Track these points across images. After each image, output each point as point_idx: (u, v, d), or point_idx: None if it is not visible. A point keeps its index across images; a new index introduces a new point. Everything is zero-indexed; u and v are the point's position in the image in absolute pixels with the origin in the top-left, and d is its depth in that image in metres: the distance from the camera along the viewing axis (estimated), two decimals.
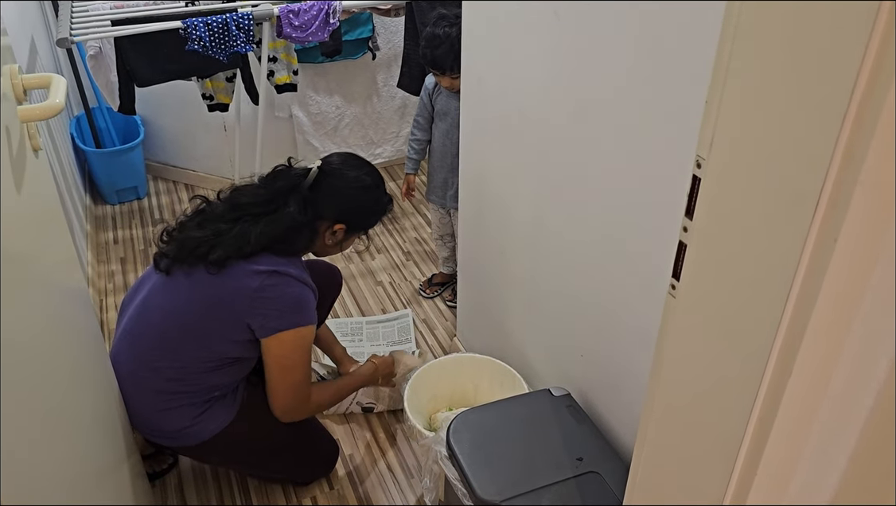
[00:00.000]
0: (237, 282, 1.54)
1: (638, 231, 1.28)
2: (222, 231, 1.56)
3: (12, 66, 1.07)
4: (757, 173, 0.65)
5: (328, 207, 1.67)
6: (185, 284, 1.57)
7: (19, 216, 0.97)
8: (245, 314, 1.55)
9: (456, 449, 1.43)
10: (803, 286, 0.64)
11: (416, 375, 1.82)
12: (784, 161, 0.63)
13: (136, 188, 3.20)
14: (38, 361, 0.95)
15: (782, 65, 0.60)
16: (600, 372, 1.51)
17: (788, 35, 0.59)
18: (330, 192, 1.67)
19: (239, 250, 1.54)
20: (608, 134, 1.30)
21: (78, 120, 3.17)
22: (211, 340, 1.57)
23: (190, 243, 1.57)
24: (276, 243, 1.58)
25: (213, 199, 1.69)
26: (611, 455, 1.43)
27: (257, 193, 1.64)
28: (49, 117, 1.00)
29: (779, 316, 0.68)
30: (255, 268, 1.55)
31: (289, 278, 1.57)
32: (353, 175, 1.71)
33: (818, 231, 0.61)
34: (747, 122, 0.64)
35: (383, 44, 3.08)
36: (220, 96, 2.69)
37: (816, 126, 0.60)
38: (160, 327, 1.58)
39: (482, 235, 1.94)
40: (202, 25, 2.27)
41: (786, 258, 0.65)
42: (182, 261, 1.57)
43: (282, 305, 1.56)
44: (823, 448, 0.72)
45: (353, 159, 1.76)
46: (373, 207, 1.76)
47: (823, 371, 0.67)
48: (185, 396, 1.60)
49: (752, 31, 0.60)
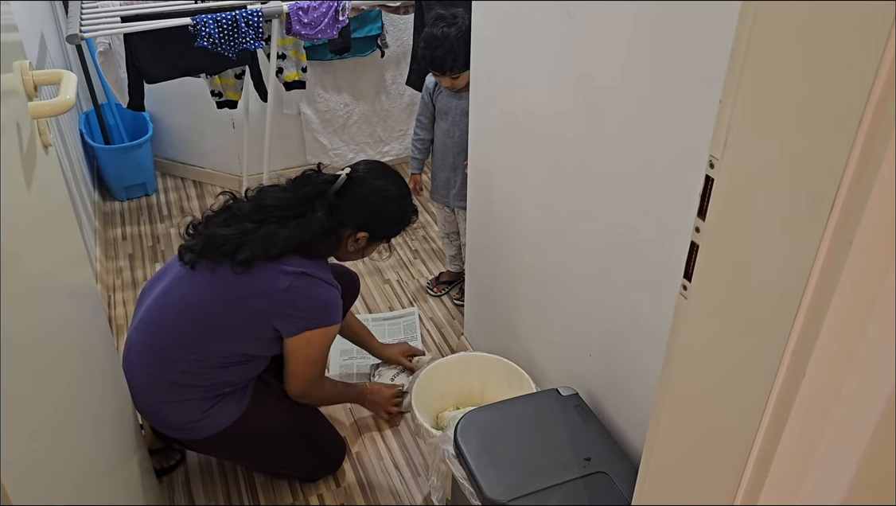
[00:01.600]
0: (264, 282, 1.56)
1: (647, 230, 1.27)
2: (248, 231, 1.58)
3: (23, 62, 1.07)
4: (771, 174, 0.65)
5: (352, 214, 1.69)
6: (208, 280, 1.58)
7: (29, 212, 0.98)
8: (271, 313, 1.57)
9: (463, 448, 1.43)
10: (817, 288, 0.64)
11: (423, 374, 1.82)
12: (799, 162, 0.62)
13: (144, 185, 3.21)
14: (46, 356, 0.95)
15: (798, 65, 0.60)
16: (608, 371, 1.51)
17: (805, 35, 0.58)
18: (355, 199, 1.69)
19: (266, 252, 1.56)
20: (618, 133, 1.29)
21: (87, 116, 3.18)
22: (229, 336, 1.58)
23: (217, 241, 1.58)
24: (303, 246, 1.60)
25: (240, 196, 1.70)
26: (619, 455, 1.42)
27: (284, 197, 1.66)
28: (60, 114, 1.00)
29: (792, 318, 0.67)
30: (284, 269, 1.57)
31: (317, 280, 1.61)
32: (378, 184, 1.73)
33: (833, 233, 0.61)
34: (762, 122, 0.63)
35: (392, 41, 3.08)
36: (228, 93, 2.69)
37: (833, 127, 0.59)
38: (178, 320, 1.59)
39: (490, 233, 1.94)
40: (212, 22, 2.27)
41: (800, 260, 0.65)
42: (208, 256, 1.58)
43: (311, 307, 1.60)
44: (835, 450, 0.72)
45: (381, 168, 1.78)
46: (396, 216, 1.78)
47: (836, 374, 0.66)
48: (196, 389, 1.61)
49: (767, 31, 0.59)
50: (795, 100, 0.61)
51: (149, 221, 3.04)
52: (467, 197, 2.05)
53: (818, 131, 0.61)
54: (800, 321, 0.66)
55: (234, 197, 1.70)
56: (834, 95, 0.59)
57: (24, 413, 0.80)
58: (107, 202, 3.19)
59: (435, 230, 2.96)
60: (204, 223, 1.66)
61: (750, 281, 0.70)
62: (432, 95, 2.26)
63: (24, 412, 0.79)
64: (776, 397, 0.71)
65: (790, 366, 0.69)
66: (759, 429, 0.75)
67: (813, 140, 0.61)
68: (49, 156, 1.16)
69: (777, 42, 0.60)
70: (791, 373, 0.69)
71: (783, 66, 0.61)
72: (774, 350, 0.70)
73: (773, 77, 0.61)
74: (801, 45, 0.59)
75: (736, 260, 0.71)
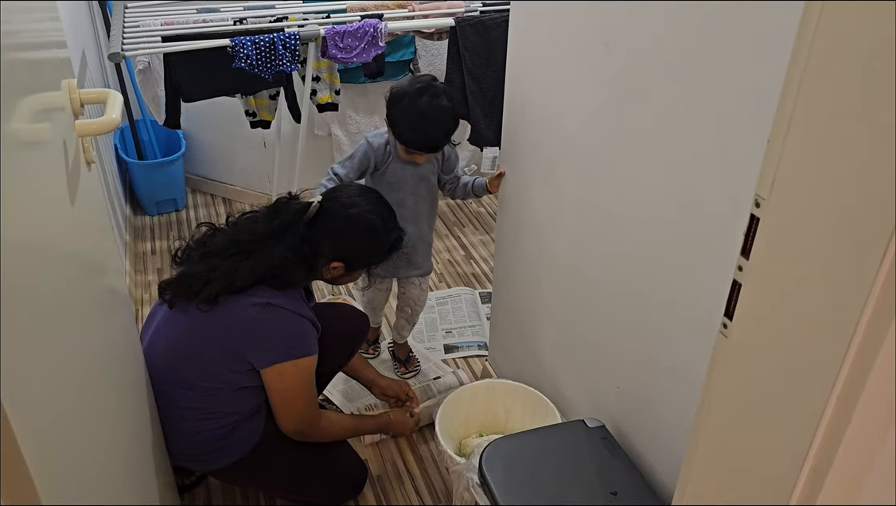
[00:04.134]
0: (229, 316, 1.54)
1: (681, 266, 1.26)
2: (216, 266, 1.56)
3: (70, 80, 1.09)
4: (820, 215, 0.64)
5: (325, 245, 1.63)
6: (183, 319, 1.58)
7: (73, 228, 0.99)
8: (240, 345, 1.54)
9: (488, 477, 1.41)
10: (867, 332, 0.62)
11: (448, 399, 1.81)
12: (850, 204, 0.61)
13: (175, 200, 3.25)
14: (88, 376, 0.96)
15: (851, 105, 0.59)
16: (637, 405, 1.49)
17: (859, 75, 0.58)
18: (327, 230, 1.63)
19: (229, 286, 1.53)
20: (653, 167, 1.29)
21: (122, 131, 3.23)
22: (211, 372, 1.57)
23: (186, 280, 1.57)
24: (269, 277, 1.56)
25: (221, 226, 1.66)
26: (646, 491, 1.40)
27: (255, 230, 1.61)
28: (105, 132, 1.02)
29: (839, 362, 0.66)
30: (249, 300, 1.54)
31: (284, 311, 1.56)
32: (352, 213, 1.65)
33: (885, 276, 0.60)
34: (812, 163, 0.62)
35: (424, 66, 3.10)
36: (262, 113, 2.72)
37: (885, 169, 0.58)
38: (167, 358, 1.58)
39: (518, 260, 1.93)
40: (250, 44, 2.31)
41: (848, 303, 0.63)
42: (180, 296, 1.58)
43: (278, 338, 1.56)
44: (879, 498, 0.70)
45: (359, 194, 1.70)
46: (374, 247, 1.70)
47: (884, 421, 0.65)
48: (204, 421, 1.60)
49: (822, 72, 0.59)
50: (847, 141, 0.61)
51: (178, 236, 3.08)
52: (497, 222, 2.04)
53: (869, 173, 0.60)
54: (847, 365, 0.65)
55: (215, 229, 1.66)
56: (887, 136, 0.58)
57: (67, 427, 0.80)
58: (138, 216, 3.23)
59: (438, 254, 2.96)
60: (183, 259, 1.64)
61: (795, 322, 0.69)
62: (379, 161, 1.96)
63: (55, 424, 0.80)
64: (819, 444, 0.70)
65: (836, 411, 0.67)
66: (801, 476, 0.73)
67: (864, 182, 0.60)
68: (91, 173, 1.17)
69: (831, 83, 0.59)
70: (836, 419, 0.67)
71: (835, 105, 0.60)
72: (819, 393, 0.68)
73: (824, 116, 0.61)
74: (855, 86, 0.58)
75: (780, 300, 0.70)
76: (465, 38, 2.60)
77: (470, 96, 2.71)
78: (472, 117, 2.75)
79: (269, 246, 1.57)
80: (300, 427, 1.67)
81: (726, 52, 1.06)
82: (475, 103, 2.73)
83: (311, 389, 1.65)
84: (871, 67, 0.57)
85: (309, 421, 1.68)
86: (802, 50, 0.59)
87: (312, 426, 1.69)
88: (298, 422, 1.66)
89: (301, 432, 1.68)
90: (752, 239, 0.69)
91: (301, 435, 1.69)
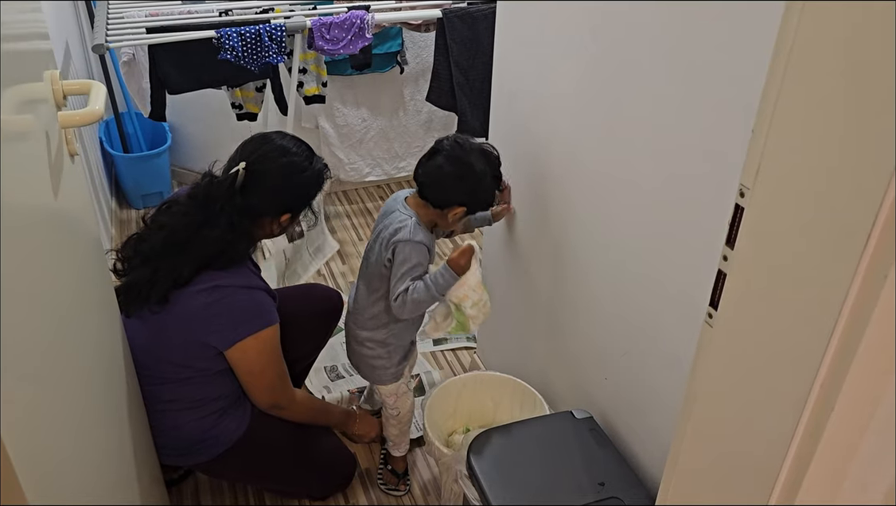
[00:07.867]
0: (182, 309, 1.53)
1: (667, 254, 1.27)
2: (159, 267, 1.53)
3: (53, 71, 1.08)
4: (804, 205, 0.64)
5: (266, 205, 1.59)
6: (140, 326, 1.56)
7: (56, 221, 0.98)
8: (200, 334, 1.53)
9: (476, 469, 1.42)
10: (850, 320, 0.63)
11: (435, 392, 1.81)
12: (834, 193, 0.62)
13: (161, 193, 3.22)
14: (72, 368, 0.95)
15: (835, 96, 0.59)
16: (624, 396, 1.50)
17: (842, 68, 0.58)
18: (266, 191, 1.58)
19: (174, 282, 1.52)
20: (641, 155, 1.29)
21: (107, 124, 3.20)
22: (186, 363, 1.56)
23: (133, 288, 1.55)
24: (211, 261, 1.54)
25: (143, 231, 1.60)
26: (633, 481, 1.41)
27: (189, 223, 1.54)
28: (89, 123, 1.01)
29: (822, 349, 0.66)
30: (195, 289, 1.52)
31: (232, 289, 1.54)
32: (285, 162, 1.60)
33: (868, 265, 0.60)
34: (796, 152, 0.63)
35: (412, 58, 3.09)
36: (249, 106, 2.70)
37: (869, 159, 0.59)
38: (138, 363, 1.55)
39: (507, 250, 1.94)
40: (235, 35, 2.29)
41: (832, 291, 0.64)
42: (132, 305, 1.55)
43: (231, 316, 1.54)
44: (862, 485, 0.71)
45: (281, 141, 1.63)
46: (311, 182, 1.66)
47: (867, 408, 0.65)
48: (188, 412, 1.60)
49: (804, 62, 0.59)
50: (830, 131, 0.61)
51: None
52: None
53: (853, 163, 0.60)
54: (830, 354, 0.66)
55: (140, 234, 1.59)
56: (871, 128, 0.58)
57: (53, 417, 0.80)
58: (123, 210, 3.21)
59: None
60: (126, 269, 1.59)
61: (780, 310, 0.70)
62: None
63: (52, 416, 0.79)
64: (803, 430, 0.70)
65: (819, 398, 0.68)
66: (784, 464, 0.74)
67: (849, 172, 0.61)
68: (75, 165, 1.16)
69: (814, 73, 0.59)
70: (820, 406, 0.68)
71: (819, 95, 0.60)
72: (803, 383, 0.69)
73: (808, 106, 0.61)
74: (838, 75, 0.59)
75: (764, 290, 0.70)
76: (453, 30, 2.59)
77: (457, 87, 2.70)
78: (458, 108, 2.74)
79: (204, 232, 1.53)
80: (275, 399, 1.65)
81: (713, 41, 1.07)
82: (462, 94, 2.72)
83: (279, 360, 1.62)
84: (853, 59, 0.57)
85: (283, 393, 1.67)
86: (785, 41, 0.59)
87: (287, 398, 1.68)
88: (270, 394, 1.64)
89: (277, 406, 1.67)
90: (736, 229, 0.69)
91: (277, 409, 1.68)
